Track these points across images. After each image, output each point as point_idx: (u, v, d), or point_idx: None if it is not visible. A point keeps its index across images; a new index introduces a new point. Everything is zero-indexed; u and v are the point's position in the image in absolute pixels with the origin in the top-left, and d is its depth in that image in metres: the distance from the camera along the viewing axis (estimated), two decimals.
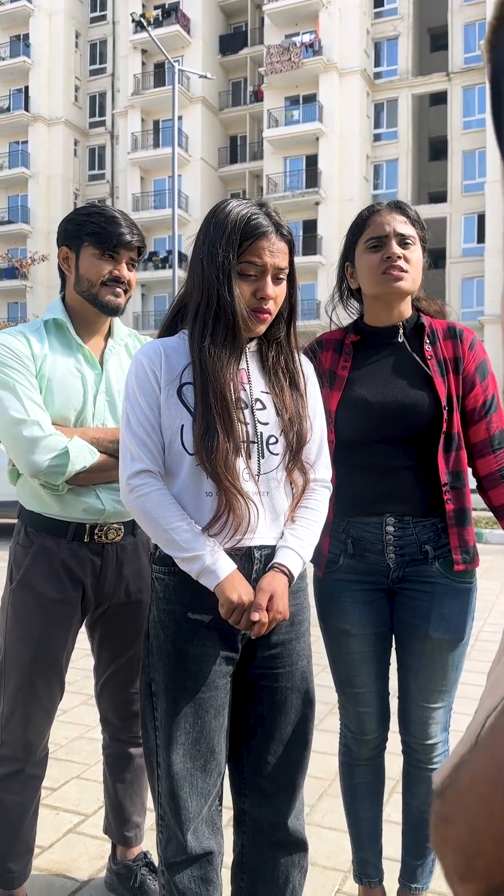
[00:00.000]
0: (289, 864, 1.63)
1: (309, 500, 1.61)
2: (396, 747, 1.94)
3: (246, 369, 1.57)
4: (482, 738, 0.40)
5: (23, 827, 1.95)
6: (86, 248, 1.86)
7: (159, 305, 32.33)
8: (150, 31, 19.18)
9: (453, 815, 0.40)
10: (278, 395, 1.57)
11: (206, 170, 32.87)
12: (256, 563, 1.52)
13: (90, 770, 2.91)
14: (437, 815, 0.41)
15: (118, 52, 34.83)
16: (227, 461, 1.45)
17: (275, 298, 1.53)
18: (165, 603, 1.54)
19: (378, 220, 1.77)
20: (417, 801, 1.90)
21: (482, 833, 0.37)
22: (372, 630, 1.81)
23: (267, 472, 1.53)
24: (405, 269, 1.74)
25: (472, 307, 28.46)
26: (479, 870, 0.37)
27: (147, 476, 1.51)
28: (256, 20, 33.37)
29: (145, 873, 2.11)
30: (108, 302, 1.87)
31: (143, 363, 1.54)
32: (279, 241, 1.52)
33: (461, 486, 1.75)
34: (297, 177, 30.74)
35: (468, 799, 0.39)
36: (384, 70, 31.74)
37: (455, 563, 1.74)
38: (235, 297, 1.49)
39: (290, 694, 1.59)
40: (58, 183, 34.13)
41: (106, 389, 1.91)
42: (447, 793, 0.41)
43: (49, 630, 1.85)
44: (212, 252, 1.50)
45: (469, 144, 29.82)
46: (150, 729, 1.56)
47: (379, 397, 1.76)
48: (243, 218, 1.50)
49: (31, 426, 1.75)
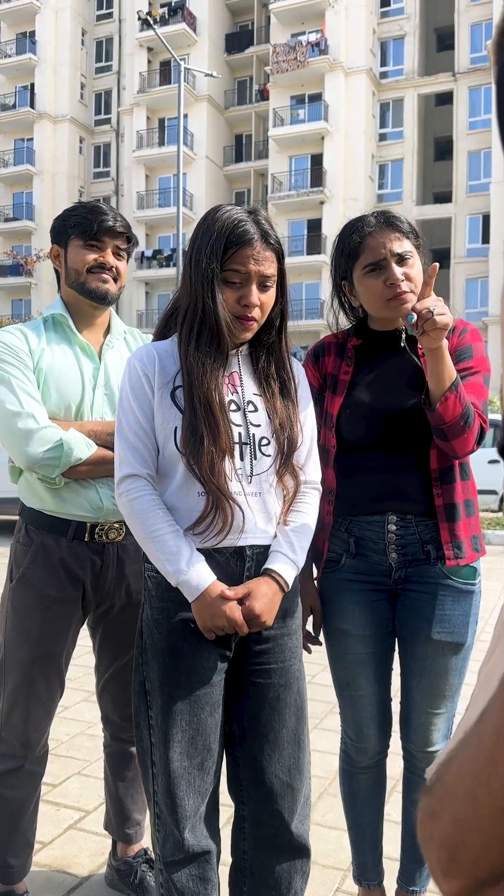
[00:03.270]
0: (291, 869, 1.61)
1: (300, 504, 1.63)
2: (398, 747, 1.93)
3: (238, 372, 1.59)
4: (468, 733, 0.39)
5: (22, 822, 1.95)
6: (72, 240, 1.89)
7: (163, 303, 32.30)
8: (156, 29, 19.21)
9: (439, 810, 0.40)
10: (269, 399, 1.59)
11: (212, 168, 32.85)
12: (248, 561, 1.54)
13: (91, 766, 2.92)
14: (424, 810, 0.41)
15: (124, 49, 34.84)
16: (212, 464, 1.47)
17: (260, 306, 1.54)
18: (158, 601, 1.55)
19: (372, 244, 1.72)
20: (417, 808, 1.89)
21: (467, 827, 0.37)
22: (372, 631, 1.80)
23: (259, 474, 1.55)
24: (410, 289, 1.71)
25: (476, 308, 28.43)
26: (464, 864, 0.37)
27: (134, 481, 1.53)
28: (263, 19, 33.34)
29: (145, 870, 2.11)
30: (96, 288, 1.89)
31: (136, 367, 1.56)
32: (265, 250, 1.52)
33: (451, 482, 1.74)
34: (302, 176, 30.73)
35: (454, 793, 0.38)
36: (390, 70, 31.71)
37: (447, 559, 1.73)
38: (218, 305, 1.50)
39: (282, 691, 1.59)
40: (63, 180, 34.13)
41: (105, 382, 1.92)
42: (434, 788, 0.41)
43: (48, 628, 1.85)
44: (198, 259, 1.52)
45: (474, 145, 29.78)
46: (145, 728, 1.56)
47: (381, 402, 1.76)
48: (229, 226, 1.51)
49: (25, 419, 1.77)
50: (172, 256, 30.67)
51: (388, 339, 1.82)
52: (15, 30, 35.12)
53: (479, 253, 28.97)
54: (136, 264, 31.64)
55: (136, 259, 31.55)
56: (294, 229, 30.24)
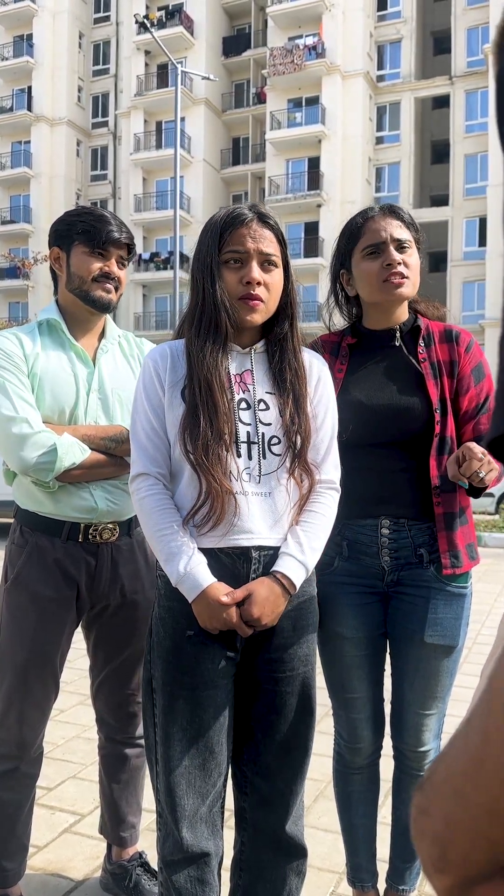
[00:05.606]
0: (287, 867, 1.63)
1: (315, 504, 1.59)
2: (391, 749, 1.93)
3: (251, 370, 1.58)
4: (457, 732, 0.40)
5: (17, 825, 1.95)
6: (76, 246, 1.90)
7: (160, 306, 32.35)
8: (153, 32, 19.22)
9: (430, 808, 0.40)
10: (282, 395, 1.57)
11: (209, 171, 32.88)
12: (255, 563, 1.52)
13: (86, 770, 2.91)
14: (416, 807, 0.42)
15: (121, 52, 34.86)
16: (206, 447, 1.46)
17: (266, 285, 1.53)
18: (166, 600, 1.55)
19: (373, 227, 1.76)
20: (407, 807, 1.89)
21: (456, 824, 0.38)
22: (365, 634, 1.80)
23: (268, 473, 1.53)
24: (406, 274, 1.74)
25: (473, 310, 28.44)
26: (454, 861, 0.38)
27: (144, 480, 1.54)
28: (260, 22, 33.40)
29: (140, 873, 2.11)
30: (100, 298, 1.90)
31: (149, 366, 1.58)
32: (262, 228, 1.54)
33: (452, 490, 1.75)
34: (299, 179, 30.76)
35: (443, 791, 0.39)
36: (387, 73, 31.76)
37: (444, 567, 1.74)
38: (217, 288, 1.51)
39: (289, 699, 1.59)
40: (60, 183, 34.13)
41: (98, 387, 1.92)
42: (426, 786, 0.42)
43: (43, 629, 1.86)
44: (200, 252, 1.56)
45: (471, 148, 29.83)
46: (150, 725, 1.57)
47: (374, 401, 1.76)
48: (226, 215, 1.56)
49: (20, 423, 1.78)
50: (170, 259, 30.65)
51: (383, 338, 1.83)
52: (12, 33, 35.13)
53: (476, 256, 29.00)
54: (133, 267, 31.61)
55: (134, 262, 31.54)
56: (291, 232, 30.22)
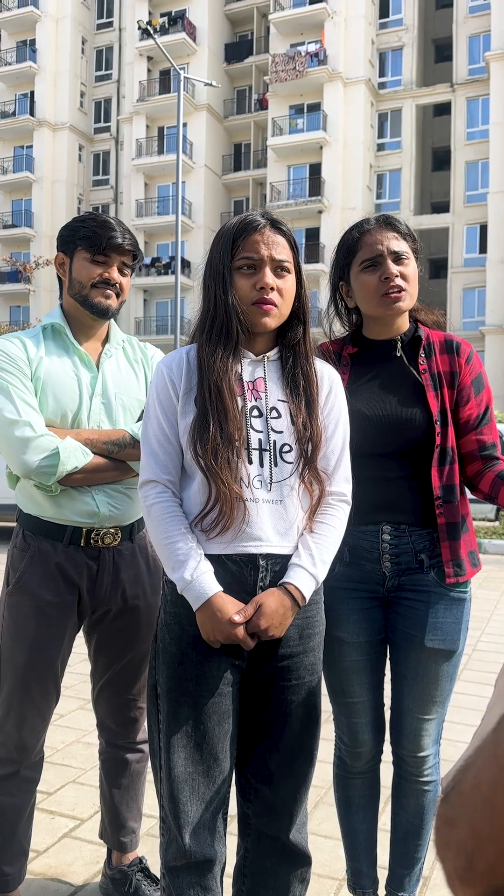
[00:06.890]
0: (290, 875, 1.63)
1: (326, 516, 1.58)
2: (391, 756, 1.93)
3: (263, 378, 1.58)
4: (484, 741, 0.40)
5: (17, 829, 1.95)
6: (78, 251, 1.90)
7: (161, 311, 32.40)
8: (156, 38, 19.28)
9: (456, 818, 0.40)
10: (294, 401, 1.57)
11: (210, 177, 32.97)
12: (262, 571, 1.51)
13: (86, 775, 2.91)
14: (441, 817, 0.41)
15: (124, 58, 35.00)
16: (217, 452, 1.46)
17: (279, 290, 1.54)
18: (172, 606, 1.55)
19: (370, 241, 1.76)
20: (406, 813, 1.90)
21: (483, 834, 0.37)
22: (366, 639, 1.81)
23: (280, 481, 1.53)
24: (404, 287, 1.74)
25: (474, 317, 28.52)
26: (481, 872, 0.37)
27: (153, 487, 1.54)
28: (262, 29, 33.53)
29: (140, 878, 2.11)
30: (98, 303, 1.91)
31: (163, 372, 1.57)
32: (275, 235, 1.54)
33: (454, 500, 1.76)
34: (300, 185, 30.85)
35: (470, 801, 0.39)
36: (388, 80, 31.88)
37: (447, 576, 1.75)
38: (229, 295, 1.52)
39: (295, 707, 1.58)
40: (62, 188, 34.23)
41: (102, 391, 1.93)
42: (451, 795, 0.41)
43: (44, 633, 1.86)
44: (212, 259, 1.56)
45: (472, 155, 29.93)
46: (155, 731, 1.57)
47: (375, 412, 1.77)
48: (238, 222, 1.56)
49: (22, 427, 1.78)
50: (171, 264, 30.74)
51: (384, 348, 1.83)
52: (15, 38, 35.26)
53: (477, 263, 29.07)
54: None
55: None
56: None
